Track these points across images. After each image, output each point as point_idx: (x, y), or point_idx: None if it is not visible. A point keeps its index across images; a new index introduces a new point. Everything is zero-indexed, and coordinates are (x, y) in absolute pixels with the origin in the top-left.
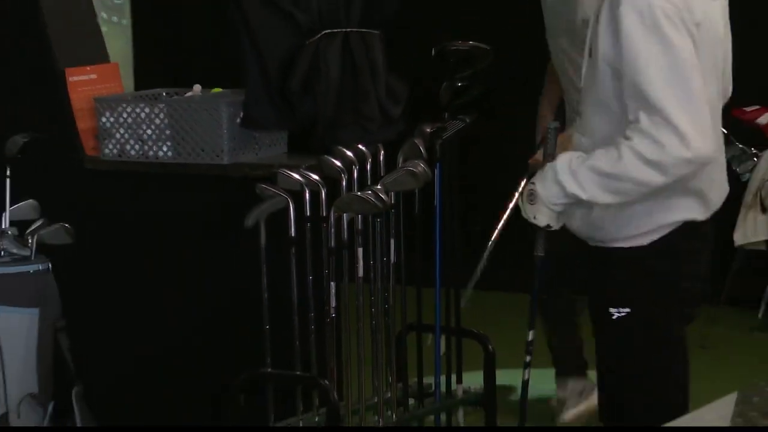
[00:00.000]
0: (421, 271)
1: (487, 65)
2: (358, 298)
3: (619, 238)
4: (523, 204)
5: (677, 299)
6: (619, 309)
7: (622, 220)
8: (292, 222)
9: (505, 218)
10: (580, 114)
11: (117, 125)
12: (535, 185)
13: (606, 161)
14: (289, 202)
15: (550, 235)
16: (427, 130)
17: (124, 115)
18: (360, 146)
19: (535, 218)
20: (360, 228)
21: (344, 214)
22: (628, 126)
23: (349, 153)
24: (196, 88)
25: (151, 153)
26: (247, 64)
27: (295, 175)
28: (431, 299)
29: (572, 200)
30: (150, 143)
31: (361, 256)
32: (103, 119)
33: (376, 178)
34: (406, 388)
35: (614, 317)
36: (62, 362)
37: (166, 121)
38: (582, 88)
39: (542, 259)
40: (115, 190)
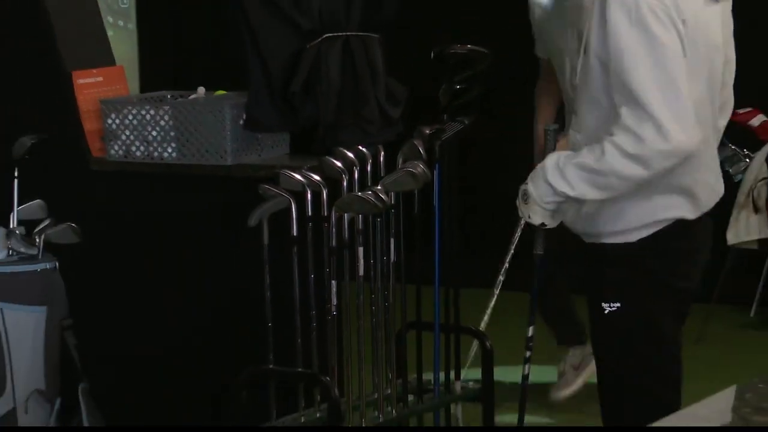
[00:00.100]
0: (420, 270)
1: (486, 68)
2: (358, 297)
3: (610, 234)
4: (519, 204)
5: (669, 297)
6: (610, 304)
7: (611, 215)
8: (294, 221)
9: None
10: (575, 112)
11: (123, 127)
12: (527, 185)
13: (591, 158)
14: (291, 202)
15: (549, 233)
16: (427, 132)
17: (130, 117)
18: (360, 147)
19: (530, 217)
20: (360, 228)
21: (345, 214)
22: (614, 121)
23: (350, 154)
24: (200, 90)
25: (156, 154)
26: (250, 67)
27: (297, 176)
28: (430, 297)
29: (562, 198)
30: (155, 144)
31: (361, 255)
32: (109, 121)
33: (377, 179)
34: (405, 385)
35: (606, 312)
36: (69, 359)
37: (171, 123)
38: (577, 86)
39: (542, 257)
40: (121, 190)
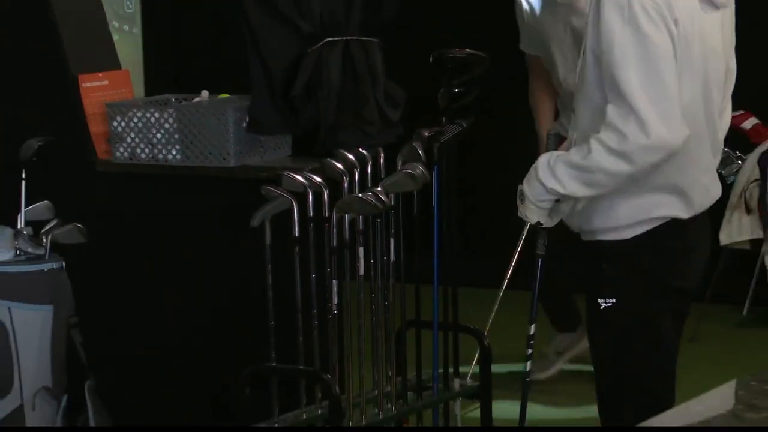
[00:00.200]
0: (419, 270)
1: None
2: (359, 296)
3: (605, 231)
4: (518, 204)
5: (665, 295)
6: (606, 299)
7: (603, 212)
8: (296, 222)
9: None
10: (573, 111)
11: (128, 129)
12: (523, 185)
13: (579, 155)
14: (293, 203)
15: (549, 232)
16: (426, 134)
17: (135, 120)
18: (361, 149)
19: (527, 216)
20: (361, 228)
21: (346, 215)
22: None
23: (351, 156)
24: (204, 93)
25: (160, 156)
26: (252, 71)
27: (299, 177)
28: (429, 296)
29: (554, 196)
30: (159, 147)
31: (362, 255)
32: (115, 124)
33: (377, 180)
34: (405, 382)
35: (602, 307)
36: (75, 357)
37: (175, 126)
38: (576, 85)
39: (543, 257)
40: (126, 191)
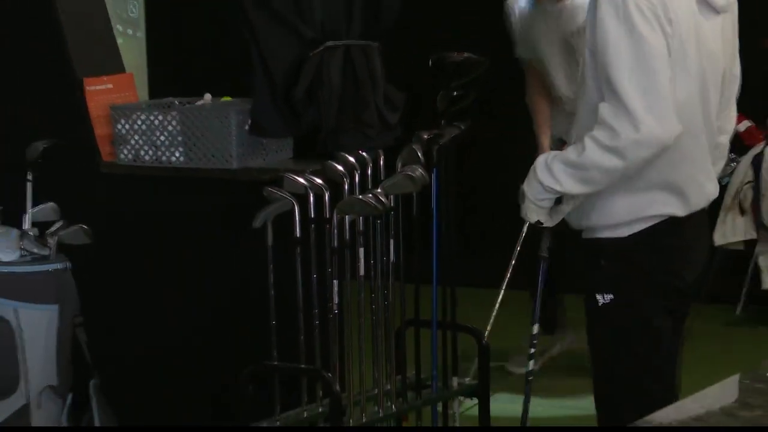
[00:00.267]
0: (418, 270)
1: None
2: (359, 295)
3: (603, 228)
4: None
5: (662, 294)
6: (604, 295)
7: (601, 209)
8: (297, 223)
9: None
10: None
11: (132, 132)
12: (523, 185)
13: (574, 153)
14: (295, 205)
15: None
16: (425, 137)
17: (139, 123)
18: (361, 152)
19: (527, 215)
20: (361, 229)
21: (346, 216)
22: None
23: (351, 158)
24: (207, 96)
25: (164, 158)
26: (255, 75)
27: (300, 179)
28: (428, 296)
29: (552, 194)
30: (163, 149)
31: (362, 255)
32: (119, 126)
33: (377, 182)
34: (404, 380)
35: (600, 303)
36: (80, 356)
37: (179, 128)
38: (578, 85)
39: (546, 259)
40: (131, 193)
